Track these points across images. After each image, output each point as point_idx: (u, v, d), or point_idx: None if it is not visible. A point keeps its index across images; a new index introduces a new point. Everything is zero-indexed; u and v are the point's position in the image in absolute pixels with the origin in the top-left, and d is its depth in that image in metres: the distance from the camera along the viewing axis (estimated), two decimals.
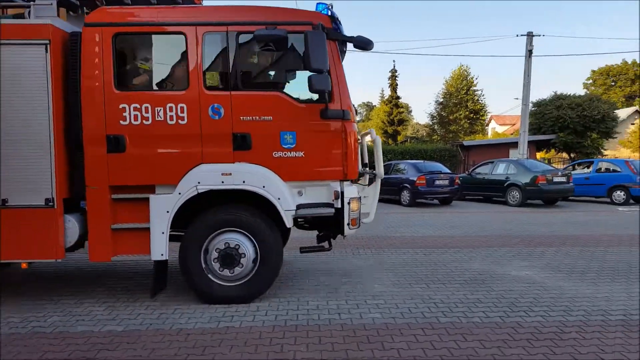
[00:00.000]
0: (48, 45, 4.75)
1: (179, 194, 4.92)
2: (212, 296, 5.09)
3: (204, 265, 5.04)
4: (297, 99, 5.07)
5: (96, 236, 4.93)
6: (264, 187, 4.96)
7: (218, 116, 4.94)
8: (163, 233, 4.92)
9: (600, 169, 16.89)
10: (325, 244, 5.81)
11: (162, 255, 4.95)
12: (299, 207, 5.08)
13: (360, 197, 5.32)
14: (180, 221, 5.11)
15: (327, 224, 5.48)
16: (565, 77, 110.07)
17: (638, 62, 67.17)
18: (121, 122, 4.86)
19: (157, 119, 4.88)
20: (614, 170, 16.33)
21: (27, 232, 4.83)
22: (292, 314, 4.86)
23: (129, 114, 4.86)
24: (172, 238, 5.15)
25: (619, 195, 15.85)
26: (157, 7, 5.22)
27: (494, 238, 9.32)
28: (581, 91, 63.68)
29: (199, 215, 5.09)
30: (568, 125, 25.69)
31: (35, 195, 4.81)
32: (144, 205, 4.96)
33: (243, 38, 4.99)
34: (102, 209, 4.92)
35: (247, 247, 5.04)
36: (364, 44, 5.16)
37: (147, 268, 6.84)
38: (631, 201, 15.70)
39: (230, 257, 4.99)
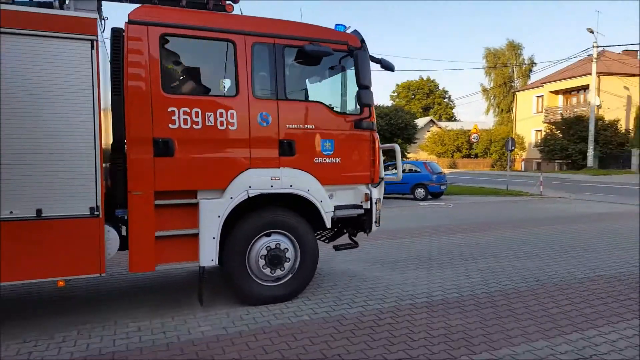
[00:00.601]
0: (95, 42, 4.31)
1: (231, 198, 4.93)
2: (253, 297, 5.17)
3: (247, 267, 5.11)
4: (335, 110, 5.58)
5: (139, 245, 4.62)
6: (308, 190, 5.28)
7: (266, 123, 5.10)
8: (214, 238, 4.86)
9: (404, 169, 19.24)
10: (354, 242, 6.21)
11: (212, 260, 4.86)
12: (335, 208, 5.49)
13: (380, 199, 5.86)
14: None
15: (351, 224, 5.91)
16: (376, 89, 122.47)
17: (431, 79, 78.61)
18: (170, 125, 4.68)
19: (207, 124, 4.82)
20: (415, 171, 18.77)
21: (66, 245, 4.30)
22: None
23: (179, 117, 4.71)
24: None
25: (420, 192, 18.27)
26: (207, 12, 5.10)
27: None
28: (388, 102, 71.80)
29: (244, 218, 5.09)
30: (378, 131, 28.66)
31: (78, 204, 4.30)
32: (187, 210, 4.84)
33: (288, 51, 5.25)
34: (146, 216, 4.62)
35: (290, 248, 5.27)
36: (389, 66, 5.88)
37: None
38: (429, 197, 18.21)
39: (277, 258, 5.18)
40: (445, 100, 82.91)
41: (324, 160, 5.43)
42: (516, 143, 38.03)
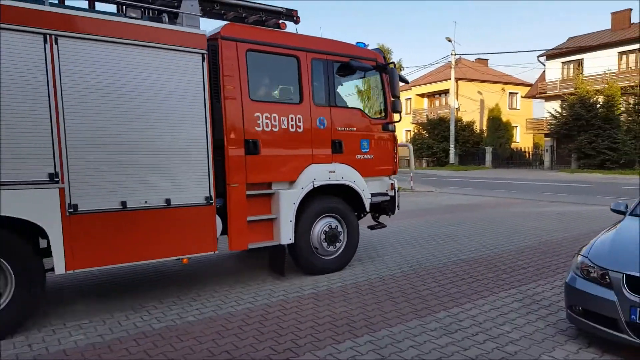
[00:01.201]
0: (205, 55, 5.10)
1: (302, 188, 5.98)
2: (317, 269, 6.28)
3: (311, 244, 6.16)
4: (369, 114, 6.85)
5: (237, 228, 5.49)
6: (354, 182, 6.46)
7: (323, 126, 6.20)
8: (291, 221, 5.87)
9: None
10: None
11: (290, 239, 5.88)
12: (371, 196, 6.66)
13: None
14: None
15: (377, 209, 7.06)
16: None
17: None
18: (256, 128, 5.59)
19: (282, 126, 5.81)
20: None
21: (189, 229, 5.08)
22: None
23: (262, 121, 5.63)
24: None
25: None
26: (279, 31, 6.07)
27: None
28: None
29: (308, 204, 6.09)
30: None
31: (197, 194, 5.10)
32: (265, 199, 5.87)
33: (336, 65, 6.36)
34: (241, 204, 5.51)
35: (341, 228, 6.44)
36: (405, 79, 7.28)
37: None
38: None
39: (335, 237, 6.35)
40: None
41: (363, 156, 6.63)
42: None
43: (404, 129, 49.45)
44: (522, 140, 43.88)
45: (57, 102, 4.32)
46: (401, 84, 7.00)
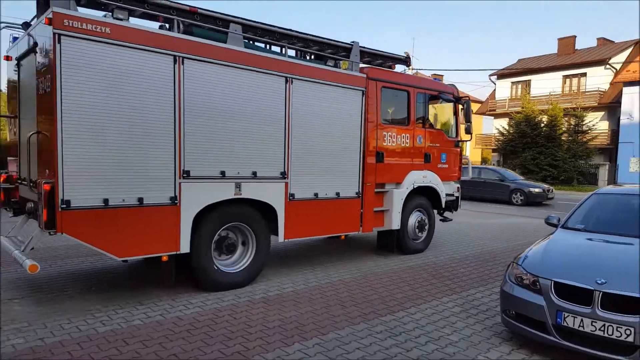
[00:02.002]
0: (365, 92, 7.15)
1: (406, 188, 7.90)
2: (410, 249, 8.24)
3: (407, 231, 8.08)
4: (447, 134, 8.91)
5: (368, 215, 7.40)
6: (437, 185, 8.47)
7: (420, 143, 8.20)
8: (399, 212, 7.78)
9: None
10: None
11: (397, 226, 7.81)
12: (445, 196, 8.66)
13: None
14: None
15: (443, 207, 8.83)
16: None
17: None
18: (383, 143, 7.58)
19: (397, 142, 7.82)
20: None
21: (347, 214, 7.11)
22: None
23: (386, 139, 7.65)
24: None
25: None
26: (397, 72, 8.33)
27: None
28: None
29: (407, 200, 7.97)
30: None
31: (352, 190, 7.12)
32: (380, 195, 7.75)
33: (428, 98, 8.38)
34: (371, 198, 7.44)
35: (426, 220, 8.42)
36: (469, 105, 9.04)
37: None
38: None
39: (422, 226, 8.35)
40: None
41: (442, 166, 8.70)
42: None
43: None
44: (472, 154, 45.55)
45: (289, 130, 6.24)
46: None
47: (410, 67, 9.01)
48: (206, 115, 5.42)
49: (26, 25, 5.46)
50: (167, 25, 5.63)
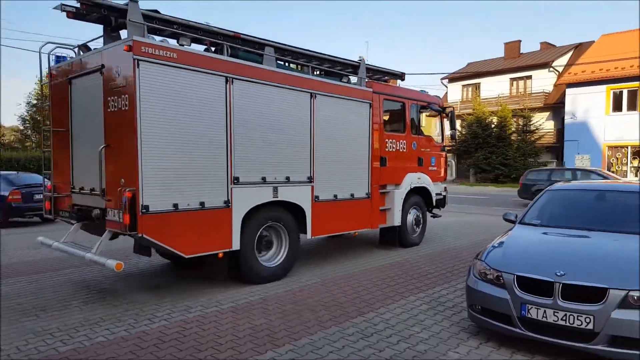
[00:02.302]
0: (371, 104, 8.15)
1: (404, 189, 8.88)
2: (409, 243, 9.20)
3: (406, 226, 9.06)
4: (434, 140, 9.97)
5: (375, 213, 8.35)
6: (429, 185, 9.51)
7: (414, 148, 9.23)
8: (399, 210, 8.73)
9: None
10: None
11: (398, 222, 8.75)
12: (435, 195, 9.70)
13: None
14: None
15: (432, 204, 9.83)
16: None
17: None
18: (385, 149, 8.54)
19: (396, 148, 8.79)
20: None
21: (359, 213, 8.01)
22: None
23: (388, 145, 8.62)
24: None
25: None
26: (394, 85, 9.69)
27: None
28: None
29: (405, 200, 8.94)
30: None
31: (363, 191, 8.05)
32: (383, 195, 8.65)
33: (419, 108, 9.39)
34: (377, 198, 8.40)
35: (421, 216, 9.50)
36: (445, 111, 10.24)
37: None
38: None
39: (418, 222, 9.43)
40: None
41: (432, 168, 9.73)
42: None
43: None
44: None
45: (313, 139, 7.13)
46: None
47: (402, 80, 9.87)
48: (250, 128, 6.18)
49: (85, 48, 6.21)
50: (212, 49, 6.33)
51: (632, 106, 27.32)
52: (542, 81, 33.82)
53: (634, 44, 28.85)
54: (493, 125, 32.89)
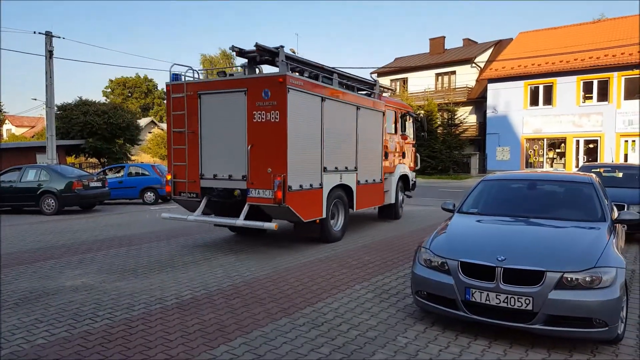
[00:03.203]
0: (383, 113, 10.97)
1: (398, 175, 11.96)
2: (399, 216, 12.32)
3: (398, 203, 12.29)
4: (410, 139, 13.13)
5: (383, 194, 11.19)
6: (408, 173, 12.62)
7: (401, 145, 12.28)
8: (394, 192, 11.76)
9: (131, 173, 18.23)
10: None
11: (394, 200, 11.80)
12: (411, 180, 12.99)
13: None
14: None
15: (408, 187, 12.94)
16: (85, 83, 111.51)
17: (149, 77, 76.25)
18: (387, 146, 11.30)
19: (392, 145, 11.68)
20: (143, 174, 18.03)
21: (377, 194, 10.84)
22: None
23: (389, 143, 11.44)
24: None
25: (149, 196, 17.65)
26: (392, 98, 13.41)
27: (37, 251, 8.50)
28: (101, 98, 66.20)
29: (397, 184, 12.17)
30: (96, 131, 26.24)
31: (378, 177, 10.75)
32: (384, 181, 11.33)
33: (403, 114, 12.46)
34: (383, 183, 11.12)
35: (403, 196, 12.83)
36: (420, 120, 14.07)
37: None
38: (160, 200, 17.82)
39: (402, 201, 12.65)
40: (165, 101, 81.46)
41: (409, 160, 12.91)
42: None
43: None
44: None
45: (357, 139, 9.71)
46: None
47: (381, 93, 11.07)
48: (330, 132, 8.68)
49: (223, 74, 8.94)
50: (305, 74, 8.56)
51: (547, 101, 29.62)
52: (466, 76, 35.68)
53: (550, 42, 31.25)
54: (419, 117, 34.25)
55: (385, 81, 40.03)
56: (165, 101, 9.41)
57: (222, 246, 8.71)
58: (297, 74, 8.19)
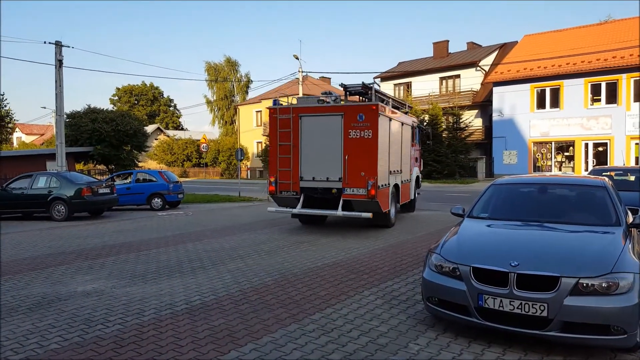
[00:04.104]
0: (412, 127, 13.84)
1: (414, 176, 14.35)
2: (414, 209, 14.91)
3: (415, 199, 14.98)
4: (418, 146, 15.74)
5: (409, 191, 13.91)
6: (419, 174, 15.53)
7: (415, 151, 14.57)
8: (413, 189, 14.41)
9: (139, 179, 18.31)
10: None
11: (413, 197, 14.65)
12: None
13: None
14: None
15: (418, 184, 15.55)
16: (93, 91, 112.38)
17: (155, 85, 76.68)
18: (410, 153, 13.65)
19: (413, 153, 14.09)
20: (150, 180, 18.10)
21: (407, 192, 13.27)
22: None
23: (411, 151, 13.79)
24: None
25: (157, 202, 17.71)
26: (413, 116, 17.20)
27: (48, 257, 8.54)
28: (108, 106, 66.63)
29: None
30: (104, 138, 26.37)
31: (407, 178, 13.37)
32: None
33: (418, 127, 15.13)
34: (409, 182, 13.82)
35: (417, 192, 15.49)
36: (430, 133, 19.57)
37: None
38: (167, 206, 17.88)
39: (416, 196, 15.28)
40: (171, 108, 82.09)
41: (419, 164, 15.68)
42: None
43: (254, 140, 49.89)
44: None
45: (402, 148, 12.37)
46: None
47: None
48: (391, 143, 11.19)
49: (322, 101, 10.88)
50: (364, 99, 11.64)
51: (554, 104, 29.48)
52: (470, 80, 35.59)
53: (555, 44, 31.13)
54: (425, 123, 34.15)
55: (389, 85, 40.19)
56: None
57: (229, 252, 8.71)
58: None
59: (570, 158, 29.25)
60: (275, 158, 10.81)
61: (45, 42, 21.46)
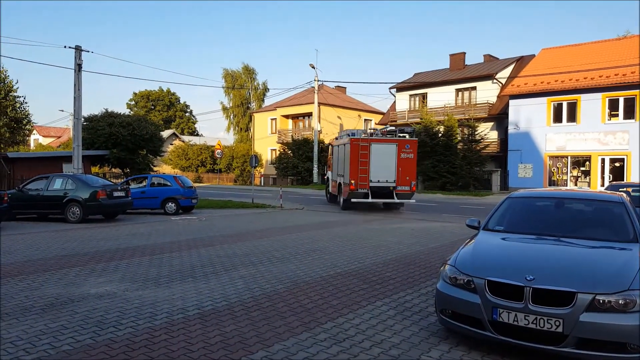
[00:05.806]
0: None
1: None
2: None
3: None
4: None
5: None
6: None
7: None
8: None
9: (154, 183, 18.49)
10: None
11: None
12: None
13: None
14: None
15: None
16: (110, 95, 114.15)
17: (172, 91, 77.61)
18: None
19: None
20: (165, 185, 18.27)
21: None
22: None
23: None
24: None
25: (171, 206, 17.84)
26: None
27: (62, 258, 8.64)
28: (125, 110, 67.55)
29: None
30: (121, 142, 26.69)
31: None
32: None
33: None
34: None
35: None
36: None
37: None
38: (180, 211, 18.02)
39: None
40: (187, 114, 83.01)
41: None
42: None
43: (268, 147, 50.14)
44: None
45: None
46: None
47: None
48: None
49: (388, 133, 19.15)
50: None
51: (571, 118, 29.18)
52: (487, 92, 35.39)
53: (573, 58, 30.86)
54: (440, 135, 34.00)
55: (404, 96, 40.20)
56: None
57: (241, 258, 8.73)
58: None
59: (587, 173, 28.85)
60: (356, 168, 17.68)
61: (65, 47, 21.90)
